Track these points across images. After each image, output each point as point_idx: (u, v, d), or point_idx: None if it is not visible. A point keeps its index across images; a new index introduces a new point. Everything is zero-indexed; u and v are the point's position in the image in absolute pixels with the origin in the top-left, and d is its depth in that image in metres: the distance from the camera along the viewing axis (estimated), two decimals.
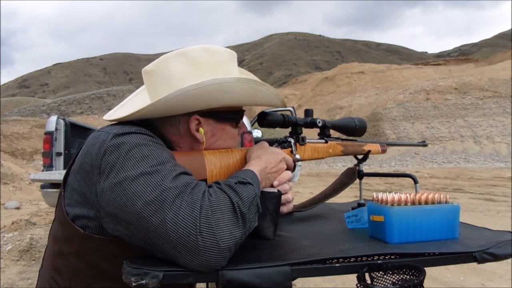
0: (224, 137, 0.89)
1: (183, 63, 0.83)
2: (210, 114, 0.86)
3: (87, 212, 0.75)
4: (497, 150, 17.46)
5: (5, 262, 3.82)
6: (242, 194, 0.72)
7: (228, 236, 0.66)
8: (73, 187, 0.78)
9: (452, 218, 0.85)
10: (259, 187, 0.79)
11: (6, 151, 14.30)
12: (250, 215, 0.72)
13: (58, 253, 0.81)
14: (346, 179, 1.20)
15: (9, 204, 7.27)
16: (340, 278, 3.10)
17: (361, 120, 1.10)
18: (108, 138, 0.73)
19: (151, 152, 0.72)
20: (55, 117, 4.17)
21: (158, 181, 0.68)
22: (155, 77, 0.85)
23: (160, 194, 0.67)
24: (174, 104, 0.79)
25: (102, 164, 0.71)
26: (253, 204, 0.73)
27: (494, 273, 3.39)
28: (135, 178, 0.68)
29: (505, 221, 5.49)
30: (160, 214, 0.65)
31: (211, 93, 0.79)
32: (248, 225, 0.71)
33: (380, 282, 0.72)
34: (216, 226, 0.65)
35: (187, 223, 0.64)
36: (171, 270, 0.64)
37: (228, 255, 0.66)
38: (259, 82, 0.84)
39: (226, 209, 0.68)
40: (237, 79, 0.80)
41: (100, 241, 0.75)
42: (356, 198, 1.22)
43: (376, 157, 17.34)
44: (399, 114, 20.78)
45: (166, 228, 0.64)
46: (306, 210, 1.20)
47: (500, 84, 21.14)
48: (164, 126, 0.87)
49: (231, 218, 0.68)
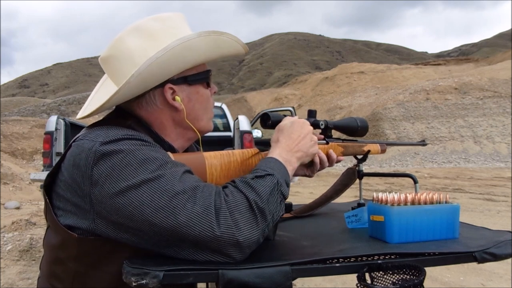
0: (200, 99, 0.89)
1: (139, 37, 0.82)
2: (181, 80, 0.85)
3: (81, 222, 0.74)
4: (497, 150, 17.46)
5: (5, 262, 3.82)
6: (259, 189, 0.73)
7: (248, 235, 0.69)
8: (65, 197, 0.76)
9: (452, 218, 0.85)
10: (283, 172, 0.80)
11: (6, 151, 14.30)
12: (270, 207, 0.73)
13: (55, 260, 0.80)
14: (346, 180, 1.19)
15: (9, 204, 7.26)
16: (340, 278, 3.10)
17: (363, 120, 1.10)
18: (95, 146, 0.71)
19: (145, 157, 0.71)
20: (55, 117, 4.17)
21: (164, 187, 0.69)
22: (116, 61, 0.83)
23: (170, 200, 0.68)
24: (147, 76, 0.78)
25: (94, 175, 0.70)
26: (273, 194, 0.74)
27: (494, 273, 3.40)
28: (138, 186, 0.68)
29: (505, 221, 5.50)
30: (172, 219, 0.67)
31: (179, 55, 0.79)
32: (270, 217, 0.73)
33: (380, 282, 0.72)
34: (235, 227, 0.68)
35: (203, 225, 0.67)
36: (171, 270, 0.64)
37: (254, 247, 0.71)
38: (219, 32, 0.83)
39: (244, 208, 0.70)
40: (198, 34, 0.80)
41: (97, 241, 0.74)
42: (356, 198, 1.22)
43: (376, 157, 17.33)
44: (399, 114, 20.77)
45: (182, 232, 0.67)
46: (307, 214, 1.20)
47: (500, 84, 21.13)
48: (142, 107, 0.85)
49: (249, 217, 0.70)
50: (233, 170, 0.87)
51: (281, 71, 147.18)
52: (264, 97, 37.98)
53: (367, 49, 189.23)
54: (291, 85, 41.54)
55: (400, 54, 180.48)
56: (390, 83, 29.10)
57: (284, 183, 0.79)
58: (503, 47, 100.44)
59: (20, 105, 40.39)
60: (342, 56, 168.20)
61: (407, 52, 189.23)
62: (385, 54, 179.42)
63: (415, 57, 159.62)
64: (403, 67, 35.50)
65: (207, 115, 0.91)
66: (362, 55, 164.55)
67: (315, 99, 30.50)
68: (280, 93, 36.67)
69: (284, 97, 34.67)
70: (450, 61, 40.57)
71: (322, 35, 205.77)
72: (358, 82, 31.05)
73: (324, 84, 32.80)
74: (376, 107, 22.01)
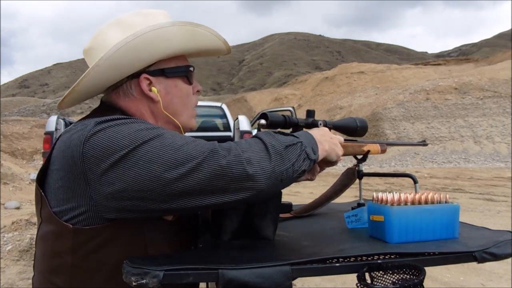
0: (178, 94, 0.88)
1: (119, 30, 0.83)
2: (158, 72, 0.85)
3: (77, 207, 0.73)
4: (497, 150, 17.46)
5: (5, 262, 3.82)
6: (279, 137, 0.74)
7: (259, 169, 0.68)
8: (57, 186, 0.75)
9: (452, 218, 0.85)
10: (311, 141, 0.81)
11: (6, 151, 14.30)
12: (290, 156, 0.73)
13: (51, 254, 0.79)
14: (346, 180, 1.19)
15: (9, 204, 7.26)
16: (340, 278, 3.10)
17: (362, 120, 1.10)
18: (88, 127, 0.72)
19: (141, 126, 0.72)
20: (55, 117, 4.17)
21: (166, 142, 0.69)
22: (95, 52, 0.84)
23: (175, 152, 0.68)
24: (117, 61, 0.78)
25: (86, 152, 0.70)
26: (294, 147, 0.75)
27: (494, 273, 3.40)
28: (140, 146, 0.68)
29: (505, 221, 5.49)
30: (180, 170, 0.67)
31: (151, 42, 0.79)
32: (289, 164, 0.73)
33: (380, 282, 0.72)
34: (246, 161, 0.68)
35: (213, 165, 0.67)
36: (171, 269, 0.64)
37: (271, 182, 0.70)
38: (195, 24, 0.83)
39: (257, 148, 0.71)
40: (172, 23, 0.80)
41: (92, 231, 0.74)
42: (356, 198, 1.22)
43: (376, 157, 17.33)
44: (399, 114, 20.76)
45: (192, 180, 0.67)
46: (307, 214, 1.20)
47: (500, 84, 21.13)
48: (119, 97, 0.86)
49: (263, 156, 0.70)
50: None
51: (281, 71, 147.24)
52: (264, 97, 37.98)
53: (367, 49, 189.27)
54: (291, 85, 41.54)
55: (400, 54, 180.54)
56: (390, 83, 29.10)
57: (310, 149, 0.78)
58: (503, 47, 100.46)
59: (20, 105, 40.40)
60: (342, 56, 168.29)
61: (407, 52, 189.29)
62: (385, 54, 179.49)
63: (415, 57, 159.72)
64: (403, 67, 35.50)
65: (187, 112, 0.91)
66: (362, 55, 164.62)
67: (315, 99, 30.49)
68: (280, 93, 36.68)
69: (284, 97, 34.68)
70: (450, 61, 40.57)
71: (322, 35, 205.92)
72: (358, 82, 31.05)
73: (324, 84, 32.79)
74: (376, 107, 22.00)
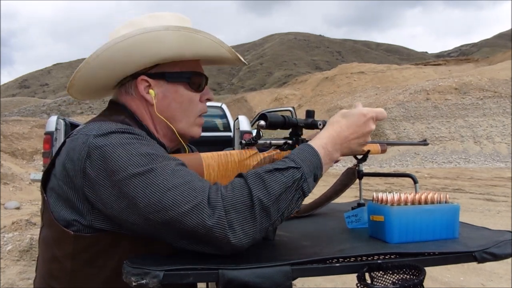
0: (178, 99, 0.87)
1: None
2: (159, 75, 0.85)
3: (75, 216, 0.74)
4: (497, 150, 17.47)
5: (5, 262, 3.82)
6: (270, 185, 0.68)
7: (242, 237, 0.66)
8: (58, 192, 0.76)
9: (452, 218, 0.85)
10: (315, 165, 0.75)
11: (6, 151, 14.30)
12: (280, 205, 0.69)
13: (51, 258, 0.79)
14: (346, 180, 1.19)
15: (9, 204, 7.26)
16: (340, 278, 3.10)
17: None
18: (89, 140, 0.72)
19: (137, 151, 0.71)
20: (55, 117, 4.17)
21: (156, 181, 0.68)
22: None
23: (162, 195, 0.67)
24: (107, 60, 0.79)
25: (86, 168, 0.71)
26: (288, 192, 0.70)
27: (494, 273, 3.40)
28: (130, 179, 0.68)
29: (505, 221, 5.50)
30: (164, 214, 0.66)
31: (142, 45, 0.79)
32: (278, 215, 0.69)
33: (380, 282, 0.72)
34: (229, 226, 0.65)
35: (195, 220, 0.65)
36: (171, 270, 0.63)
37: (248, 246, 0.68)
38: (193, 30, 0.81)
39: (242, 206, 0.67)
40: (165, 27, 0.79)
41: (92, 238, 0.75)
42: (356, 198, 1.22)
43: (376, 157, 17.33)
44: (399, 114, 20.78)
45: (175, 226, 0.66)
46: (307, 214, 1.20)
47: (500, 84, 21.14)
48: (121, 94, 0.88)
49: (247, 216, 0.66)
50: (230, 170, 0.86)
51: (281, 71, 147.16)
52: (264, 97, 37.99)
53: (367, 49, 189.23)
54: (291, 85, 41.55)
55: (400, 54, 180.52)
56: (390, 83, 29.11)
57: (311, 177, 0.74)
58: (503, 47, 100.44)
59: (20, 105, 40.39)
60: (342, 56, 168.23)
61: (407, 52, 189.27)
62: (385, 54, 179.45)
63: (415, 57, 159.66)
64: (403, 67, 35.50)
65: (187, 119, 0.89)
66: (362, 55, 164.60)
67: (315, 99, 30.49)
68: (280, 93, 36.69)
69: (284, 97, 34.69)
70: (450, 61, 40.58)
71: (322, 35, 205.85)
72: (358, 82, 31.06)
73: (324, 84, 32.81)
74: (376, 107, 21.97)
